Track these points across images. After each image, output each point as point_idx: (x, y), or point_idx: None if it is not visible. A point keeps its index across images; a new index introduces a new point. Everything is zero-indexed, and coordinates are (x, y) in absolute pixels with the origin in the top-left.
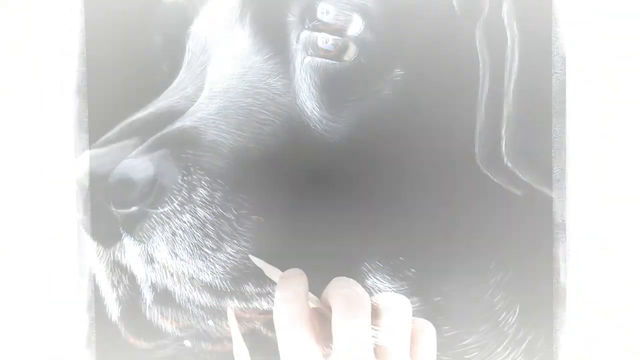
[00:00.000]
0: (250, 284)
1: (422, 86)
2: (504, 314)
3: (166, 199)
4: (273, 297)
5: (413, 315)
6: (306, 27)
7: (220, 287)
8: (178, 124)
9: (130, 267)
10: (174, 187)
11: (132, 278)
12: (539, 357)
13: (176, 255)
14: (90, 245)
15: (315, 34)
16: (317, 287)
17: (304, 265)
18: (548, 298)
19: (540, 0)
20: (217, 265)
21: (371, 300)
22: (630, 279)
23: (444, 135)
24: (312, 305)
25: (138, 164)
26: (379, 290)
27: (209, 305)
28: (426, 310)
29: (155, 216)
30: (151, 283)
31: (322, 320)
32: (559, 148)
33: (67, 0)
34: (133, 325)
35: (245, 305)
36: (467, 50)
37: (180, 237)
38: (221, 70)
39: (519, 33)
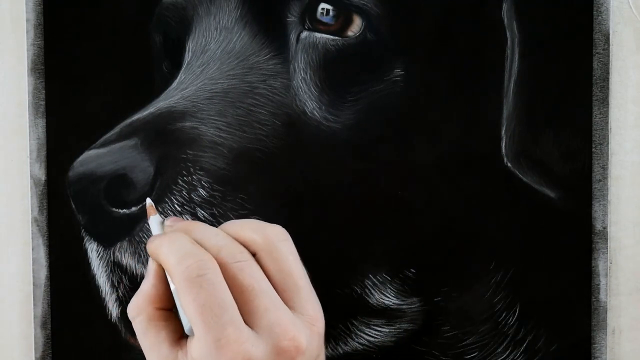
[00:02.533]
0: None
1: (440, 69)
2: (504, 314)
3: (134, 197)
4: None
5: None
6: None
7: None
8: (152, 109)
9: (130, 267)
10: (146, 182)
11: (133, 278)
12: (539, 357)
13: None
14: (44, 251)
15: (314, 2)
16: (318, 287)
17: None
18: (585, 320)
19: None
20: None
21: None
22: None
23: (464, 127)
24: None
25: (104, 155)
26: (379, 291)
27: None
28: (426, 310)
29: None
30: (117, 296)
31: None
32: (600, 142)
33: None
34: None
35: None
36: (492, 24)
37: None
38: (221, 69)
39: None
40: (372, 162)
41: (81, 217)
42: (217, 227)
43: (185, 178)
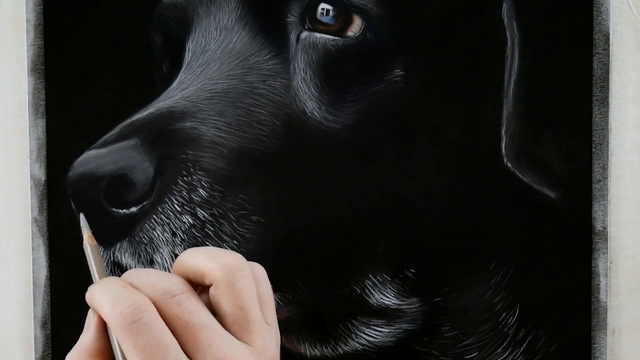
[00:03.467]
0: None
1: (440, 69)
2: (504, 314)
3: (134, 197)
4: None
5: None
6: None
7: None
8: (152, 109)
9: (130, 267)
10: (146, 182)
11: None
12: (539, 357)
13: (177, 256)
14: (44, 251)
15: (314, 2)
16: (318, 287)
17: (304, 265)
18: (585, 320)
19: None
20: None
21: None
22: None
23: (464, 127)
24: None
25: (104, 155)
26: (379, 291)
27: None
28: (426, 310)
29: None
30: None
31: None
32: (600, 142)
33: None
34: None
35: None
36: (492, 24)
37: (181, 238)
38: (221, 70)
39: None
40: (372, 162)
41: (81, 217)
42: (216, 227)
43: (185, 178)
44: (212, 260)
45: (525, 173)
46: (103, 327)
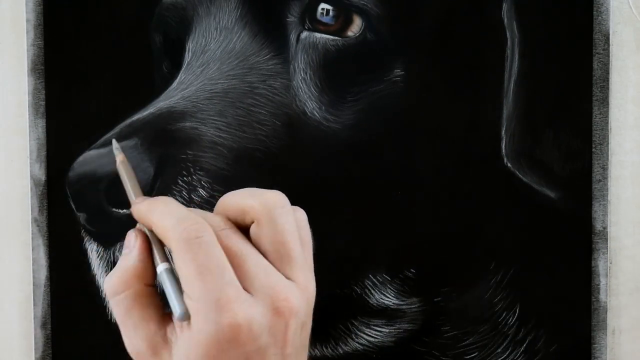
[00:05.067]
0: None
1: (440, 69)
2: (504, 314)
3: None
4: None
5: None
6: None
7: None
8: (152, 109)
9: None
10: (146, 182)
11: None
12: (539, 357)
13: None
14: (44, 251)
15: (314, 2)
16: (318, 287)
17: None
18: (585, 320)
19: None
20: None
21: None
22: None
23: (464, 127)
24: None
25: (104, 155)
26: (379, 291)
27: None
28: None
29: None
30: None
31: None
32: (600, 142)
33: None
34: None
35: None
36: (492, 24)
37: None
38: (221, 70)
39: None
40: (372, 162)
41: (81, 217)
42: None
43: (185, 178)
44: (252, 197)
45: (526, 173)
46: (149, 249)
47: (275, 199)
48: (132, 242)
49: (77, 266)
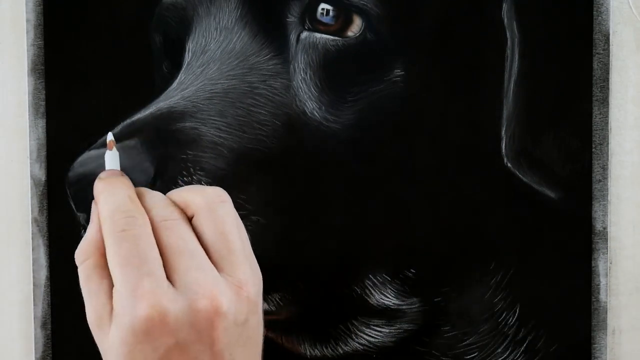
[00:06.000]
0: None
1: (440, 69)
2: (504, 314)
3: None
4: (274, 298)
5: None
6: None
7: None
8: (152, 109)
9: None
10: (146, 183)
11: None
12: (539, 357)
13: None
14: (44, 251)
15: (314, 2)
16: (318, 287)
17: (304, 265)
18: (585, 320)
19: None
20: None
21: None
22: None
23: (464, 127)
24: None
25: (104, 155)
26: (379, 291)
27: None
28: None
29: None
30: None
31: None
32: (600, 142)
33: None
34: None
35: None
36: (492, 24)
37: None
38: (221, 70)
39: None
40: (372, 162)
41: (81, 217)
42: None
43: (185, 178)
44: (194, 192)
45: (526, 173)
46: None
47: (216, 193)
48: (93, 215)
49: (77, 266)
